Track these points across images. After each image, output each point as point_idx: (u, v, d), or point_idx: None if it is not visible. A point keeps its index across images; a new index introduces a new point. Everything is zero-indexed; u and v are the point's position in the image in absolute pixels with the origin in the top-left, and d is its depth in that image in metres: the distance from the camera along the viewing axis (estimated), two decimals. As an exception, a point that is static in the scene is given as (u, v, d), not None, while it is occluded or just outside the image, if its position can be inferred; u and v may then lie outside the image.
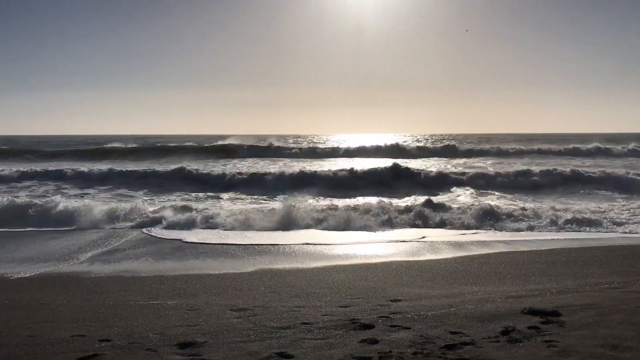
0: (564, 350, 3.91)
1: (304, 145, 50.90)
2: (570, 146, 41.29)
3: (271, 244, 10.38)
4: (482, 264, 8.27)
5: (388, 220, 12.18)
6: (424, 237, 10.97)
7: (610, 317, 4.77)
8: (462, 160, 33.72)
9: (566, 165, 23.43)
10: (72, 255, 9.41)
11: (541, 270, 7.76)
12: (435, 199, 14.96)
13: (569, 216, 12.12)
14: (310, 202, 15.19)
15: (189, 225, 12.05)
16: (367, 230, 11.66)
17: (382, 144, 42.89)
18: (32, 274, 8.14)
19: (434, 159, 35.88)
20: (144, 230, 11.70)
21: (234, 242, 10.57)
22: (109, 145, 44.68)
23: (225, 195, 18.05)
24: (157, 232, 11.57)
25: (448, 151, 40.10)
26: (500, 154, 38.86)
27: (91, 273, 8.17)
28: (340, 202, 14.91)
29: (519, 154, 38.46)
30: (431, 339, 4.26)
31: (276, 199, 17.02)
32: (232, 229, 11.85)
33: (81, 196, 17.37)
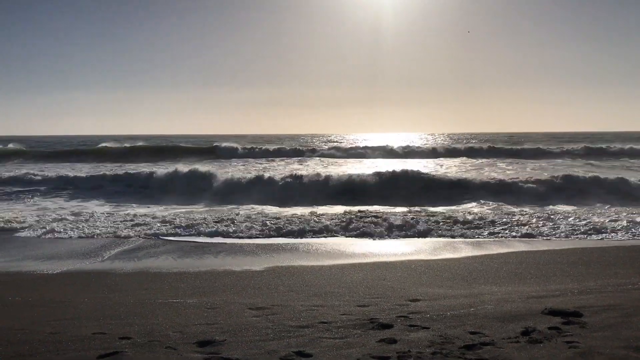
0: (585, 351, 3.86)
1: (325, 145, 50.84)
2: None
3: (288, 242, 10.41)
4: (501, 264, 8.19)
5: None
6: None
7: (633, 319, 4.70)
8: (483, 161, 33.21)
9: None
10: (94, 254, 9.53)
11: (562, 270, 7.66)
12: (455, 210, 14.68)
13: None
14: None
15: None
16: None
17: (398, 144, 42.78)
18: (55, 272, 8.26)
19: (452, 159, 35.37)
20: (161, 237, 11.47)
21: (251, 242, 10.61)
22: (101, 145, 44.56)
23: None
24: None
25: (471, 152, 39.64)
26: (535, 154, 37.69)
27: (112, 271, 8.27)
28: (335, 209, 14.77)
29: (550, 154, 37.55)
30: (450, 339, 4.24)
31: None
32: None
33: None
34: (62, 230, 11.76)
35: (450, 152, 40.02)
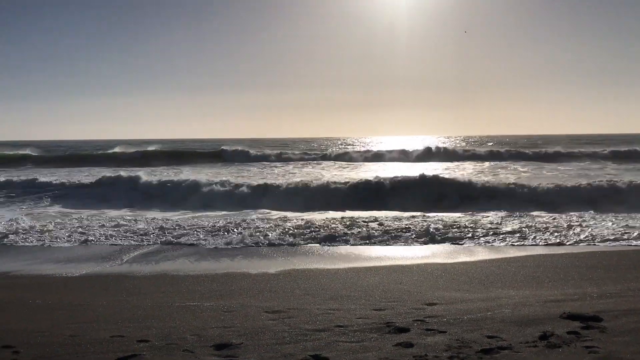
0: (605, 356, 3.81)
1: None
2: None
3: (302, 246, 10.41)
4: (519, 267, 8.12)
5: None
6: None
7: (654, 323, 4.63)
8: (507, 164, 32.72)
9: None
10: (112, 257, 9.63)
11: (581, 273, 7.57)
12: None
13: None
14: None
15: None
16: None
17: (415, 147, 42.58)
18: (74, 275, 8.37)
19: (470, 163, 34.95)
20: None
21: (267, 244, 10.63)
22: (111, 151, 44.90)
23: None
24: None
25: (490, 156, 39.16)
26: (554, 158, 36.93)
27: (130, 274, 8.35)
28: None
29: (571, 157, 36.88)
30: (467, 343, 4.22)
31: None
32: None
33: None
34: (79, 235, 11.90)
35: (469, 156, 39.51)
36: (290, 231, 11.60)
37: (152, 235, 11.47)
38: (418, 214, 13.91)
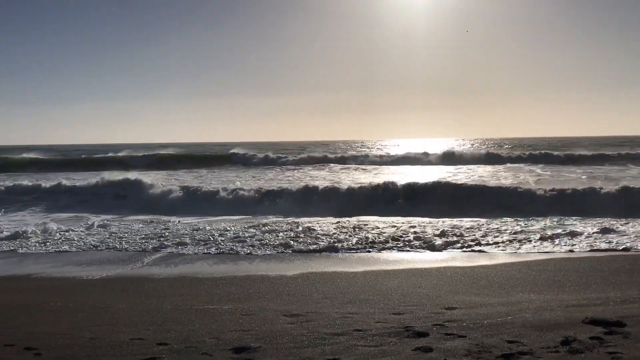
0: (629, 362, 3.74)
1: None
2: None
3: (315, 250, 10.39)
4: (540, 271, 8.02)
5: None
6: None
7: (679, 329, 4.54)
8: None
9: None
10: (132, 260, 9.72)
11: (603, 278, 7.46)
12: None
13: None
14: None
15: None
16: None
17: (433, 151, 42.23)
18: (94, 278, 8.46)
19: (492, 166, 34.45)
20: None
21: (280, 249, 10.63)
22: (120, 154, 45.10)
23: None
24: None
25: (510, 159, 38.56)
26: (572, 160, 36.33)
27: (149, 277, 8.41)
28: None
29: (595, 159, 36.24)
30: (487, 348, 4.17)
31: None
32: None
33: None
34: (99, 238, 12.03)
35: (487, 159, 39.03)
36: (303, 236, 11.61)
37: (169, 239, 11.56)
38: (436, 219, 13.78)
